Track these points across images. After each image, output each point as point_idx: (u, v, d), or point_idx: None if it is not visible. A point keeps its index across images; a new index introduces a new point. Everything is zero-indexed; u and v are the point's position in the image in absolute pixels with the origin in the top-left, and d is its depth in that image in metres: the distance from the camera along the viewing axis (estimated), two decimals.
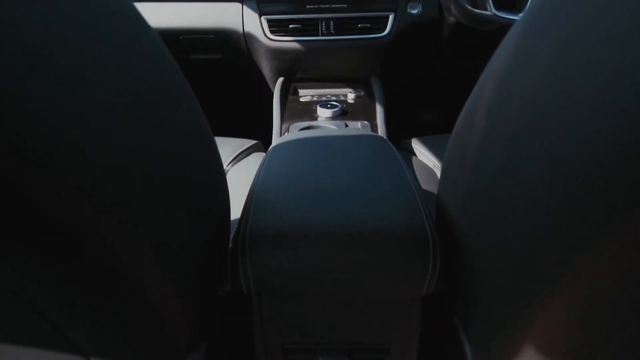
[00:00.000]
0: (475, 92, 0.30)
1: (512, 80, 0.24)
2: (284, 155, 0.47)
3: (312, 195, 0.39)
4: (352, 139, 0.49)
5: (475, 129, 0.28)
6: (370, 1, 1.00)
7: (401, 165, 0.47)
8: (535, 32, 0.23)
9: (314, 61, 1.07)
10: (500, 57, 0.26)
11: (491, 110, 0.26)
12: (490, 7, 0.79)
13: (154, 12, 1.05)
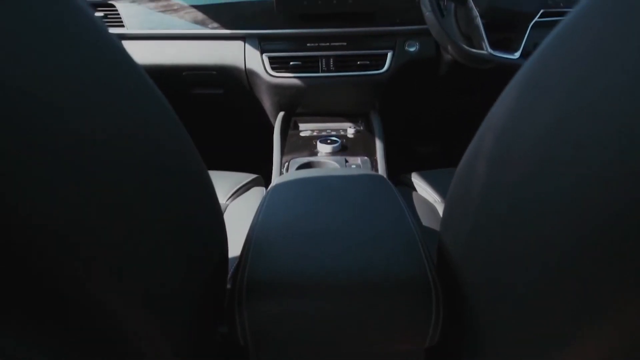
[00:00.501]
0: (476, 140, 0.30)
1: (514, 130, 0.23)
2: (283, 197, 0.47)
3: (311, 241, 0.39)
4: (352, 179, 0.49)
5: (477, 176, 0.28)
6: (369, 40, 1.02)
7: (401, 206, 0.46)
8: (537, 82, 0.23)
9: (314, 97, 1.09)
10: (501, 107, 0.26)
11: (493, 159, 0.25)
12: (487, 47, 0.81)
13: (159, 49, 1.08)
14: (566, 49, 0.21)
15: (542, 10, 0.82)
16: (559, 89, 0.20)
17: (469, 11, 0.83)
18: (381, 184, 0.50)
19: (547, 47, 0.22)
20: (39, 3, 0.19)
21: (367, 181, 0.50)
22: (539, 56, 0.23)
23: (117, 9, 1.07)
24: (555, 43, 0.22)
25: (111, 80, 0.23)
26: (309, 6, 0.97)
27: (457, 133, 1.69)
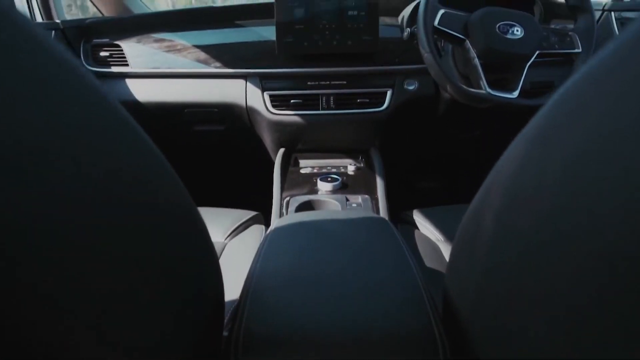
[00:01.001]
0: (482, 193, 0.29)
1: (522, 189, 0.23)
2: (282, 243, 0.45)
3: (310, 292, 0.37)
4: (353, 223, 0.48)
5: (484, 231, 0.27)
6: (368, 78, 1.04)
7: (404, 252, 0.45)
8: (546, 136, 0.22)
9: (314, 134, 1.10)
10: (508, 161, 0.25)
11: (500, 218, 0.24)
12: (485, 86, 0.82)
13: (162, 87, 1.10)
14: (575, 105, 0.21)
15: (538, 51, 0.84)
16: (567, 144, 0.20)
17: (466, 52, 0.84)
18: (383, 228, 0.48)
19: (556, 103, 0.22)
20: (21, 52, 0.19)
21: (369, 225, 0.49)
22: (547, 111, 0.22)
23: (122, 48, 1.10)
24: (564, 99, 0.21)
25: (90, 121, 0.22)
26: (309, 47, 0.99)
27: (457, 169, 1.70)
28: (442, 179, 1.71)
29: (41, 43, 0.20)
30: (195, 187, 1.53)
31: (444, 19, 0.81)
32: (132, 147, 0.26)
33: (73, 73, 0.22)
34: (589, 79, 0.21)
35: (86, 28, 1.13)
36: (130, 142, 0.26)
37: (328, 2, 0.97)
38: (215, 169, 1.51)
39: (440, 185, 1.72)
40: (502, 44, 0.81)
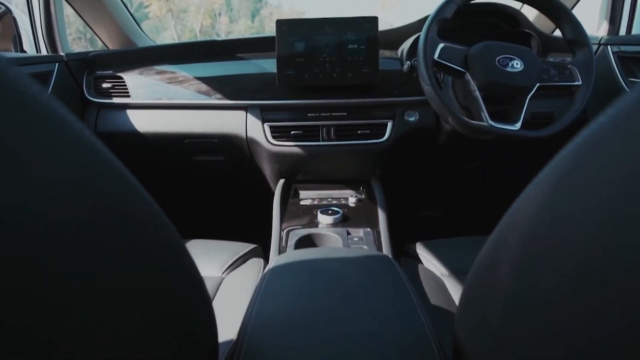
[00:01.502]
0: (497, 238, 0.27)
1: (543, 238, 0.21)
2: (281, 284, 0.43)
3: (310, 339, 0.34)
4: (354, 262, 0.45)
5: (500, 280, 0.24)
6: (369, 110, 1.04)
7: (409, 292, 0.42)
8: (573, 184, 0.20)
9: (314, 164, 1.09)
10: (527, 206, 0.23)
11: (520, 269, 0.22)
12: (487, 118, 0.81)
13: (163, 118, 1.10)
14: (609, 150, 0.19)
15: (538, 84, 0.84)
16: (600, 194, 0.18)
17: (466, 84, 0.84)
18: (386, 268, 0.46)
19: (583, 146, 0.20)
20: None
21: (372, 264, 0.46)
22: (574, 155, 0.21)
23: (124, 80, 1.11)
24: (593, 141, 0.20)
25: (71, 160, 0.21)
26: (310, 80, 0.99)
27: (458, 198, 1.69)
28: (444, 209, 1.69)
29: (13, 83, 0.19)
30: (193, 217, 1.53)
31: (443, 53, 0.82)
32: (114, 185, 0.24)
33: (51, 113, 0.20)
34: (626, 121, 0.19)
35: (90, 60, 1.15)
36: (113, 179, 0.24)
37: (328, 36, 0.98)
38: (214, 199, 1.50)
39: (441, 214, 1.70)
40: (502, 76, 0.81)
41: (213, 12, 19.63)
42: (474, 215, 1.67)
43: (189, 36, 19.02)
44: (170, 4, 17.39)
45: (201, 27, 18.90)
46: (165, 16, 17.61)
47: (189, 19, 18.75)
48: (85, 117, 1.13)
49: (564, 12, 0.85)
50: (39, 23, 1.05)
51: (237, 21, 22.53)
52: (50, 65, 1.04)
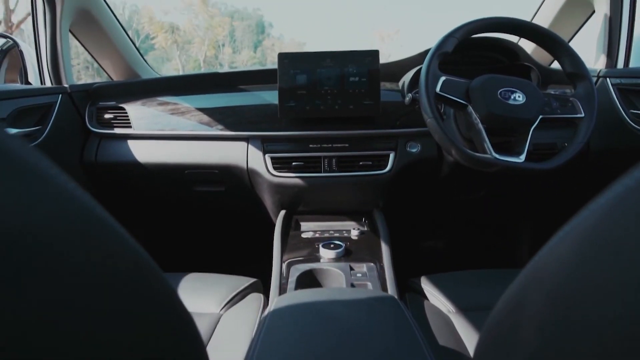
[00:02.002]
0: (516, 294, 0.25)
1: (575, 296, 0.19)
2: (282, 328, 0.40)
3: None
4: (359, 305, 0.43)
5: (522, 338, 0.22)
6: (370, 141, 1.04)
7: (416, 336, 0.40)
8: (606, 241, 0.18)
9: (316, 196, 1.07)
10: (552, 261, 0.22)
11: (546, 331, 0.20)
12: (490, 151, 0.80)
13: (164, 149, 1.10)
14: None
15: (541, 116, 0.84)
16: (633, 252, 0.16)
17: (469, 117, 0.84)
18: (392, 310, 0.44)
19: (616, 201, 0.18)
20: None
21: (376, 306, 0.44)
22: (605, 210, 0.19)
23: (126, 111, 1.12)
24: (629, 196, 0.18)
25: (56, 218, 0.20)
26: (311, 111, 1.00)
27: (461, 228, 1.66)
28: (447, 238, 1.67)
29: None
30: (192, 248, 1.49)
31: (445, 86, 0.82)
32: (101, 239, 0.23)
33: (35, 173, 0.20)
34: None
35: (93, 92, 1.16)
36: (99, 234, 0.23)
37: (330, 69, 0.99)
38: (214, 230, 1.47)
39: (445, 244, 1.67)
40: (504, 109, 0.81)
41: (217, 44, 20.21)
42: (478, 245, 1.64)
43: (193, 66, 19.53)
44: (176, 36, 17.94)
45: (205, 58, 19.43)
46: (171, 47, 18.14)
47: (193, 49, 19.30)
48: (86, 147, 1.13)
49: (563, 46, 0.86)
50: (45, 56, 1.07)
51: (239, 52, 23.18)
52: (53, 97, 1.05)
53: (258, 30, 26.30)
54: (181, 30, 17.95)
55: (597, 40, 1.12)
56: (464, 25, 0.85)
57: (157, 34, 17.19)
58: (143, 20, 17.25)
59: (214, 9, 20.03)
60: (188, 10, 18.02)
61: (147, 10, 17.16)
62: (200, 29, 19.02)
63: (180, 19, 18.32)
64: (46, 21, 1.03)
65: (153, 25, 16.93)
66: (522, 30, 0.88)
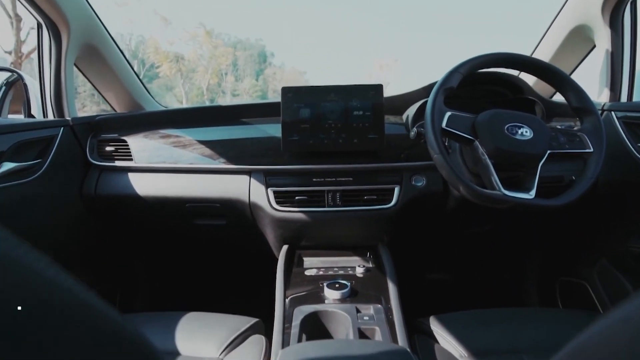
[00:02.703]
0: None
1: None
2: None
3: None
4: None
5: None
6: (375, 175, 1.02)
7: None
8: None
9: (319, 231, 1.05)
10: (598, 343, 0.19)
11: None
12: (499, 186, 0.78)
13: (164, 181, 1.08)
14: None
15: (549, 151, 0.82)
16: None
17: (475, 152, 0.83)
18: None
19: None
20: None
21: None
22: None
23: (127, 143, 1.11)
24: None
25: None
26: (315, 145, 0.98)
27: (468, 261, 1.62)
28: (453, 272, 1.62)
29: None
30: (192, 284, 1.45)
31: (451, 121, 0.81)
32: (90, 325, 0.22)
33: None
34: None
35: (95, 124, 1.15)
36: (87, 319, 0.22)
37: (333, 103, 0.99)
38: (215, 264, 1.44)
39: (451, 277, 1.63)
40: (512, 144, 0.80)
41: (220, 72, 20.69)
42: (485, 279, 1.59)
43: (196, 93, 19.91)
44: (180, 65, 18.37)
45: (208, 86, 19.81)
46: (175, 76, 18.53)
47: (197, 78, 19.72)
48: (86, 180, 1.12)
49: (568, 81, 0.86)
50: (49, 89, 1.07)
51: (242, 80, 23.69)
52: (55, 130, 1.04)
53: (260, 59, 26.99)
54: (185, 59, 18.42)
55: (599, 74, 1.12)
56: (468, 61, 0.85)
57: (162, 63, 17.57)
58: (149, 50, 17.70)
59: (217, 40, 20.63)
60: (193, 41, 18.57)
61: (153, 41, 17.65)
62: (204, 58, 19.54)
63: (185, 49, 18.87)
64: (51, 55, 1.04)
65: (158, 55, 17.35)
66: (527, 66, 0.88)
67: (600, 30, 1.05)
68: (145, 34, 20.01)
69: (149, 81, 19.14)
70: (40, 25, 1.01)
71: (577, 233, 1.23)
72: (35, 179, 0.96)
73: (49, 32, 1.01)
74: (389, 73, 23.04)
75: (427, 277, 1.59)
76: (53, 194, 1.02)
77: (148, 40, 17.28)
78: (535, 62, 0.88)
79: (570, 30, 1.12)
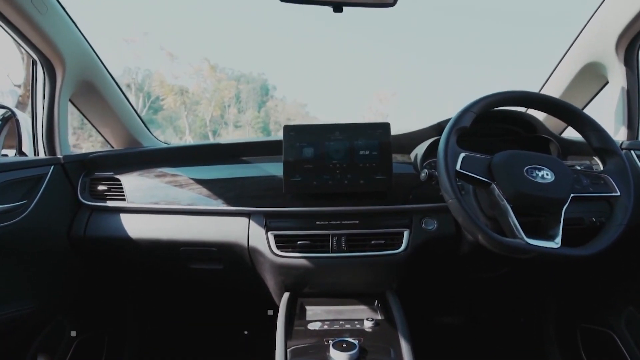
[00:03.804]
0: None
1: None
2: None
3: None
4: None
5: None
6: (383, 217, 0.96)
7: None
8: None
9: (323, 278, 0.97)
10: None
11: None
12: (521, 234, 0.72)
13: (158, 223, 1.02)
14: None
15: (572, 195, 0.76)
16: None
17: (492, 195, 0.77)
18: None
19: None
20: None
21: None
22: None
23: (121, 182, 1.05)
24: None
25: None
26: (318, 186, 0.93)
27: (481, 303, 1.52)
28: (465, 316, 1.52)
29: None
30: (188, 330, 1.34)
31: (466, 163, 0.76)
32: None
33: None
34: None
35: (88, 162, 1.10)
36: None
37: (338, 142, 0.94)
38: (211, 311, 1.34)
39: (462, 321, 1.52)
40: (533, 188, 0.74)
41: (223, 104, 21.09)
42: (500, 324, 1.50)
43: (199, 124, 20.23)
44: (184, 98, 18.73)
45: (211, 117, 20.15)
46: (179, 108, 18.87)
47: (200, 110, 20.07)
48: (75, 221, 1.05)
49: (588, 121, 0.82)
50: (41, 126, 1.03)
51: (244, 112, 24.13)
52: (45, 168, 0.99)
53: (262, 92, 27.62)
54: (190, 92, 18.83)
55: (614, 112, 1.08)
56: (482, 99, 0.80)
57: (166, 96, 17.94)
58: (154, 83, 18.15)
59: (221, 74, 21.19)
60: (197, 75, 19.04)
61: (158, 75, 18.13)
62: (207, 91, 19.97)
63: (190, 82, 19.29)
64: (45, 92, 1.00)
65: (163, 88, 17.76)
66: (546, 105, 0.83)
67: (614, 67, 1.02)
68: (152, 68, 20.59)
69: (154, 113, 19.53)
70: (35, 62, 0.98)
71: (600, 277, 1.15)
72: (20, 221, 0.90)
73: (43, 69, 0.98)
74: (388, 106, 23.49)
75: (437, 321, 1.49)
76: (39, 236, 0.96)
77: (154, 74, 17.74)
78: (555, 101, 0.83)
79: (582, 67, 1.09)
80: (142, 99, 16.58)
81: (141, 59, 25.51)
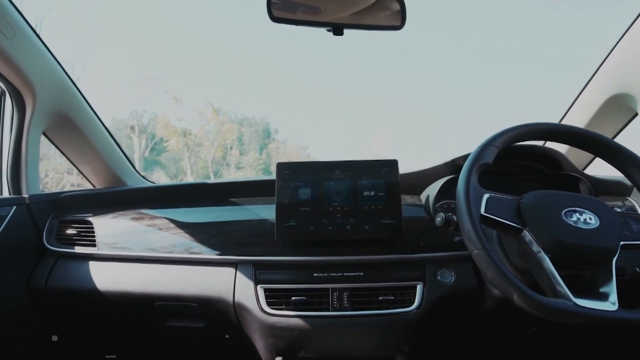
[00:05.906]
0: None
1: None
2: None
3: None
4: None
5: None
6: (391, 268, 0.82)
7: None
8: None
9: (322, 340, 0.82)
10: None
11: None
12: (567, 293, 0.58)
13: (130, 274, 0.89)
14: None
15: (622, 243, 0.63)
16: None
17: (524, 244, 0.64)
18: None
19: None
20: None
21: None
22: None
23: (92, 226, 0.93)
24: None
25: None
26: (316, 233, 0.80)
27: None
28: None
29: None
30: None
31: (491, 205, 0.64)
32: None
33: None
34: None
35: (59, 202, 0.98)
36: None
37: (339, 182, 0.83)
38: None
39: None
40: (576, 236, 0.61)
41: (225, 146, 21.46)
42: None
43: (202, 166, 20.46)
44: (187, 139, 19.07)
45: (213, 159, 20.40)
46: (182, 149, 19.16)
47: (203, 151, 20.35)
48: (37, 269, 0.92)
49: (632, 157, 0.70)
50: (6, 162, 0.92)
51: (246, 154, 24.51)
52: (5, 209, 0.87)
53: (264, 135, 28.25)
54: (193, 134, 19.22)
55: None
56: (505, 132, 0.70)
57: (170, 138, 18.27)
58: (159, 125, 18.55)
59: (224, 117, 21.75)
60: (200, 118, 19.53)
61: (163, 117, 18.56)
62: (210, 133, 20.37)
63: (193, 125, 19.75)
64: (13, 124, 0.90)
65: (167, 130, 18.13)
66: (579, 139, 0.72)
67: None
68: (157, 111, 21.20)
69: (158, 154, 19.80)
70: (3, 92, 0.89)
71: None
72: None
73: (11, 99, 0.88)
74: (387, 147, 23.71)
75: None
76: None
77: (159, 117, 18.19)
78: (592, 135, 0.72)
79: (606, 99, 1.00)
80: (146, 140, 16.84)
81: (147, 102, 26.25)
